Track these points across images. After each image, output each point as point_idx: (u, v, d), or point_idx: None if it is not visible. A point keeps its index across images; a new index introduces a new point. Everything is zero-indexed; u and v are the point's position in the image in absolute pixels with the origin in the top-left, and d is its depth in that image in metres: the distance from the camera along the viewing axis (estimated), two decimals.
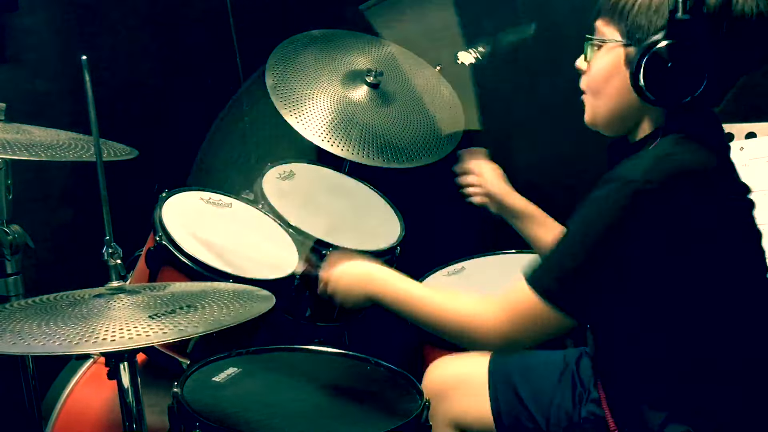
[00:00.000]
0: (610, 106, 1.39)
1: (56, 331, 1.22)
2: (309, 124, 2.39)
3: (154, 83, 2.69)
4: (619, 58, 1.34)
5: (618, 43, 1.34)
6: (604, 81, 1.37)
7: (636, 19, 1.30)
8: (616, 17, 1.33)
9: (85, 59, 1.36)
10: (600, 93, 1.39)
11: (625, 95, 1.34)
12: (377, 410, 1.52)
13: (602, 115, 1.41)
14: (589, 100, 1.42)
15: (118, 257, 1.41)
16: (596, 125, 1.43)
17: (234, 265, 1.87)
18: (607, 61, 1.36)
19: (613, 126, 1.42)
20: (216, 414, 1.44)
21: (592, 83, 1.40)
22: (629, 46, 1.32)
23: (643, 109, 1.35)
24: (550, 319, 1.28)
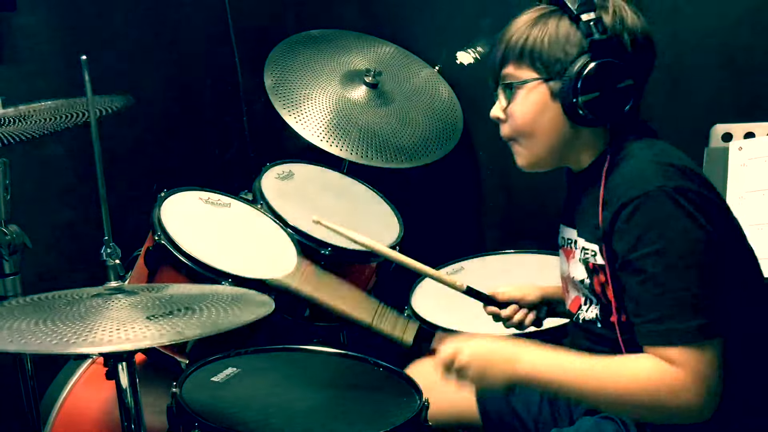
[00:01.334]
0: (547, 142, 1.41)
1: (54, 330, 1.21)
2: (308, 124, 2.39)
3: (153, 83, 2.69)
4: (543, 95, 1.38)
5: (538, 81, 1.37)
6: (534, 120, 1.40)
7: (550, 53, 1.35)
8: (526, 59, 1.38)
9: (85, 59, 1.36)
10: (533, 133, 1.41)
11: (559, 127, 1.39)
12: (376, 410, 1.52)
13: (541, 153, 1.42)
14: (522, 144, 1.44)
15: (116, 257, 1.41)
16: (537, 165, 1.45)
17: (233, 265, 1.87)
18: (532, 101, 1.39)
19: (553, 161, 1.45)
20: (215, 414, 1.44)
21: (523, 126, 1.41)
22: (550, 80, 1.36)
23: (577, 136, 1.39)
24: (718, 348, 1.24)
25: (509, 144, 1.46)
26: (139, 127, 2.61)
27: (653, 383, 1.24)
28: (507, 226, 2.75)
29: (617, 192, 1.29)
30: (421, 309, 2.01)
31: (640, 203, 1.25)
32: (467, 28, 2.69)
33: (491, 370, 1.35)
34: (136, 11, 2.60)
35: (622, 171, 1.32)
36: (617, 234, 1.28)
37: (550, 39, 1.35)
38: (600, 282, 1.37)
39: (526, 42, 1.37)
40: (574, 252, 1.44)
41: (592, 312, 1.42)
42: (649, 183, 1.26)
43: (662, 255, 1.23)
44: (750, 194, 1.91)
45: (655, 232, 1.24)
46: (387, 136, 2.46)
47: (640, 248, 1.25)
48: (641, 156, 1.32)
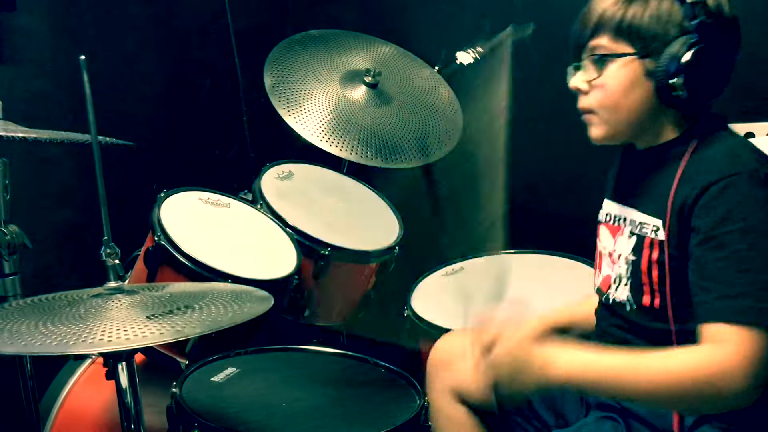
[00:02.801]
0: (631, 118, 1.40)
1: (54, 332, 1.21)
2: (308, 124, 2.38)
3: (153, 83, 2.69)
4: (636, 71, 1.37)
5: (633, 57, 1.37)
6: (624, 95, 1.39)
7: (649, 30, 1.35)
8: (624, 32, 1.36)
9: (84, 59, 1.36)
10: (619, 107, 1.40)
11: (646, 105, 1.38)
12: (376, 410, 1.52)
13: (621, 128, 1.42)
14: (602, 117, 1.42)
15: (116, 257, 1.41)
16: (613, 139, 1.44)
17: (232, 265, 1.87)
18: (624, 75, 1.38)
19: (629, 136, 1.44)
20: (215, 414, 1.44)
21: (609, 99, 1.40)
22: (646, 57, 1.36)
23: (660, 116, 1.39)
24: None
25: (585, 116, 1.45)
26: (139, 127, 2.61)
27: (705, 371, 1.22)
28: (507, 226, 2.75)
29: (706, 169, 1.30)
30: (421, 309, 2.01)
31: (734, 181, 1.26)
32: (467, 28, 2.69)
33: (523, 376, 1.32)
34: (135, 11, 2.60)
35: (711, 152, 1.33)
36: (702, 209, 1.28)
37: (652, 15, 1.34)
38: (650, 259, 1.36)
39: (625, 15, 1.35)
40: (624, 228, 1.43)
41: (623, 293, 1.41)
42: (743, 164, 1.27)
43: (749, 233, 1.24)
44: None
45: (745, 210, 1.25)
46: (387, 136, 2.46)
47: (727, 224, 1.25)
48: (732, 140, 1.35)
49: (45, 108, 2.36)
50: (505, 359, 1.33)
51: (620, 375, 1.28)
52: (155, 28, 2.67)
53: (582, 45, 1.42)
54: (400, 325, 2.04)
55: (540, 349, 1.33)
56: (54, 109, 2.37)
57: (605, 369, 1.29)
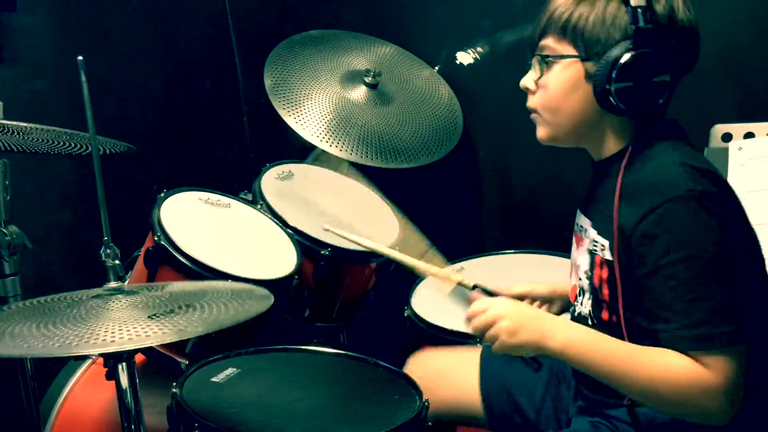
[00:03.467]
0: (571, 122, 1.40)
1: (55, 333, 1.21)
2: (308, 124, 2.39)
3: (152, 83, 2.69)
4: (577, 74, 1.36)
5: (575, 59, 1.35)
6: (563, 97, 1.38)
7: (593, 33, 1.33)
8: (569, 34, 1.35)
9: (81, 59, 1.36)
10: (559, 109, 1.40)
11: (586, 109, 1.37)
12: (376, 410, 1.52)
13: (563, 131, 1.41)
14: (545, 118, 1.42)
15: (116, 258, 1.41)
16: (556, 140, 1.44)
17: (232, 266, 1.87)
18: (565, 77, 1.37)
19: (573, 139, 1.44)
20: (215, 414, 1.43)
21: (550, 101, 1.40)
22: (587, 60, 1.34)
23: (602, 121, 1.38)
24: (743, 356, 1.24)
25: (532, 115, 1.45)
26: (139, 128, 2.61)
27: (685, 379, 1.23)
28: (507, 226, 2.75)
29: (641, 192, 1.28)
30: (421, 309, 2.01)
31: (669, 208, 1.24)
32: (467, 28, 2.69)
33: (525, 332, 1.32)
34: (135, 11, 2.60)
35: (647, 170, 1.31)
36: (644, 238, 1.26)
37: (596, 19, 1.32)
38: (600, 278, 1.36)
39: (570, 17, 1.34)
40: (584, 241, 1.43)
41: (586, 307, 1.42)
42: (677, 187, 1.24)
43: (693, 259, 1.23)
44: (750, 194, 1.91)
45: (686, 237, 1.23)
46: (387, 136, 2.46)
47: (670, 254, 1.24)
48: (667, 157, 1.31)
49: (45, 108, 2.36)
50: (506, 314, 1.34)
51: (613, 360, 1.28)
52: (155, 28, 2.67)
53: (534, 44, 1.42)
54: (400, 325, 2.04)
55: (546, 315, 1.36)
56: (54, 109, 2.37)
57: (603, 348, 1.30)
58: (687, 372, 1.24)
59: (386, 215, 2.34)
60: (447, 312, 1.98)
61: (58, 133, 1.71)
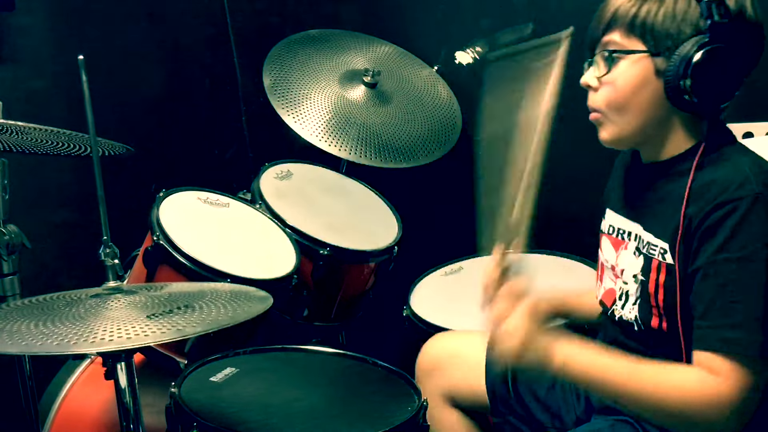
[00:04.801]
0: (640, 120, 1.35)
1: (53, 331, 1.21)
2: (307, 123, 2.38)
3: (152, 83, 2.69)
4: (647, 69, 1.32)
5: (644, 54, 1.32)
6: (633, 94, 1.34)
7: (663, 28, 1.30)
8: (637, 29, 1.32)
9: (82, 59, 1.36)
10: (627, 107, 1.35)
11: (655, 107, 1.33)
12: (375, 410, 1.52)
13: (630, 130, 1.37)
14: (611, 117, 1.37)
15: (115, 257, 1.41)
16: (621, 142, 1.40)
17: (231, 265, 1.87)
18: (634, 73, 1.33)
19: (638, 140, 1.39)
20: (213, 414, 1.43)
21: (618, 98, 1.35)
22: (657, 55, 1.31)
23: (670, 120, 1.35)
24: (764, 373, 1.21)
25: (593, 116, 1.40)
26: (138, 127, 2.61)
27: (693, 393, 1.22)
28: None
29: (711, 191, 1.25)
30: (420, 309, 2.01)
31: (737, 206, 1.22)
32: (466, 28, 2.69)
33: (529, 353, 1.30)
34: (134, 11, 2.60)
35: (719, 172, 1.28)
36: (705, 233, 1.25)
37: (666, 13, 1.29)
38: (657, 282, 1.33)
39: (639, 11, 1.30)
40: (627, 244, 1.40)
41: (631, 312, 1.39)
42: (749, 188, 1.23)
43: (747, 262, 1.21)
44: None
45: (745, 238, 1.21)
46: (386, 136, 2.46)
47: (727, 251, 1.22)
48: (740, 159, 1.29)
49: (44, 108, 2.36)
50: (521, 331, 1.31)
51: (615, 377, 1.28)
52: (154, 27, 2.67)
53: (596, 41, 1.37)
54: (399, 325, 2.04)
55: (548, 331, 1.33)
56: (53, 109, 2.37)
57: (603, 366, 1.29)
58: (696, 384, 1.22)
59: (385, 215, 2.35)
60: (446, 312, 1.99)
61: (57, 133, 1.71)
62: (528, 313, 1.33)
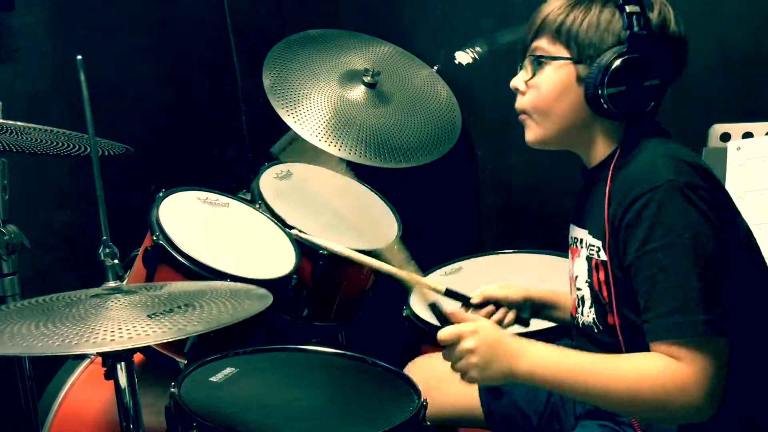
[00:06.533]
0: (561, 124, 1.40)
1: (54, 332, 1.21)
2: (306, 123, 2.39)
3: (152, 83, 2.69)
4: (569, 76, 1.37)
5: (567, 61, 1.37)
6: (555, 99, 1.39)
7: (586, 37, 1.34)
8: (562, 36, 1.37)
9: (80, 59, 1.36)
10: (549, 111, 1.40)
11: (577, 112, 1.38)
12: (375, 410, 1.52)
13: (552, 133, 1.42)
14: (535, 120, 1.43)
15: (114, 257, 1.41)
16: (545, 143, 1.44)
17: (231, 265, 1.87)
18: (557, 79, 1.38)
19: (561, 142, 1.44)
20: (213, 414, 1.43)
21: (541, 102, 1.40)
22: (579, 63, 1.36)
23: (591, 125, 1.39)
24: (723, 347, 1.22)
25: (521, 117, 1.45)
26: (137, 127, 2.61)
27: (661, 380, 1.22)
28: (505, 226, 2.76)
29: (627, 186, 1.29)
30: (420, 309, 2.01)
31: (651, 197, 1.24)
32: (466, 28, 2.69)
33: (494, 364, 1.30)
34: (134, 11, 2.60)
35: (633, 166, 1.31)
36: (628, 228, 1.27)
37: (590, 22, 1.34)
38: (599, 280, 1.36)
39: (565, 19, 1.36)
40: (580, 251, 1.43)
41: (589, 316, 1.41)
42: (659, 177, 1.25)
43: (671, 249, 1.23)
44: (748, 194, 1.91)
45: (665, 226, 1.23)
46: (385, 136, 2.46)
47: (650, 242, 1.24)
48: (653, 151, 1.31)
49: (43, 108, 2.36)
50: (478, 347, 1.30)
51: (584, 376, 1.27)
52: (154, 27, 2.67)
53: (527, 45, 1.42)
54: (399, 325, 2.05)
55: (512, 339, 1.32)
56: (53, 109, 2.37)
57: (569, 366, 1.29)
58: (662, 370, 1.23)
59: (385, 215, 2.35)
60: None
61: (56, 133, 1.71)
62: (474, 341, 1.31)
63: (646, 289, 1.25)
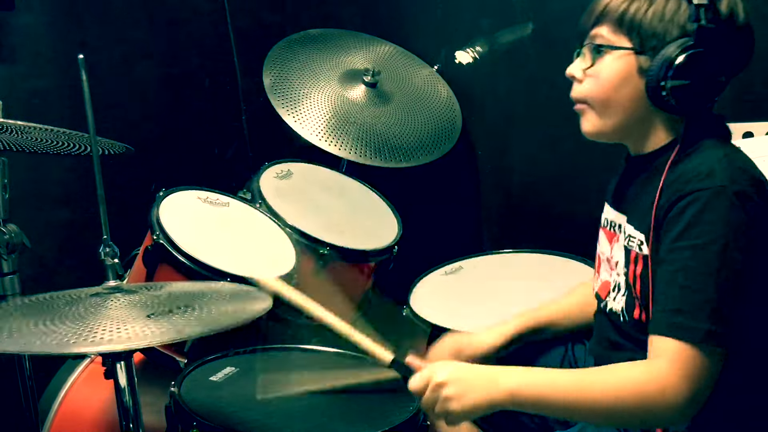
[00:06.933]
0: (620, 115, 1.36)
1: (54, 330, 1.21)
2: (307, 123, 2.39)
3: (152, 82, 2.69)
4: (630, 66, 1.33)
5: (629, 51, 1.33)
6: (615, 89, 1.35)
7: (650, 27, 1.31)
8: (625, 25, 1.33)
9: (82, 58, 1.36)
10: (608, 101, 1.36)
11: (636, 104, 1.34)
12: (374, 410, 1.51)
13: (611, 125, 1.38)
14: (593, 110, 1.39)
15: (115, 256, 1.41)
16: (602, 135, 1.41)
17: (231, 264, 1.86)
18: (617, 69, 1.34)
19: (618, 135, 1.40)
20: (213, 413, 1.43)
21: (600, 92, 1.36)
22: (642, 54, 1.32)
23: (651, 118, 1.35)
24: (717, 359, 1.21)
25: (577, 106, 1.41)
26: (138, 127, 2.61)
27: (641, 384, 1.22)
28: (505, 225, 2.76)
29: (680, 183, 1.26)
30: (420, 309, 2.01)
31: (698, 197, 1.22)
32: (466, 27, 2.69)
33: (472, 391, 1.27)
34: (134, 10, 2.60)
35: (691, 164, 1.28)
36: (669, 223, 1.26)
37: (655, 12, 1.30)
38: (635, 273, 1.34)
39: (628, 8, 1.32)
40: (619, 236, 1.41)
41: (618, 303, 1.40)
42: (713, 180, 1.23)
43: (702, 251, 1.21)
44: None
45: (704, 228, 1.22)
46: (386, 135, 2.46)
47: (683, 239, 1.23)
48: (712, 153, 1.29)
49: (44, 107, 2.36)
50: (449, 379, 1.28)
51: (565, 391, 1.26)
52: (154, 26, 2.67)
53: (585, 33, 1.38)
54: (399, 325, 2.04)
55: (485, 368, 1.31)
56: (53, 108, 2.37)
57: (549, 385, 1.27)
58: (641, 373, 1.22)
59: (385, 214, 2.34)
60: (445, 311, 1.99)
61: (56, 132, 1.71)
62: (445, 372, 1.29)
63: (666, 281, 1.24)
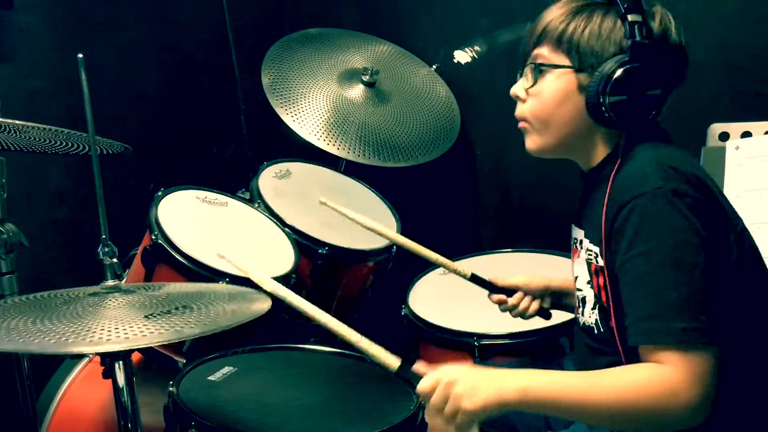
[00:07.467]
0: (562, 132, 1.40)
1: (51, 329, 1.21)
2: (305, 122, 2.39)
3: (150, 82, 2.69)
4: (570, 84, 1.37)
5: (569, 69, 1.36)
6: (556, 107, 1.38)
7: (588, 45, 1.34)
8: (564, 44, 1.36)
9: (81, 57, 1.36)
10: (550, 119, 1.40)
11: (576, 121, 1.37)
12: (373, 409, 1.52)
13: (553, 143, 1.42)
14: (535, 128, 1.42)
15: (113, 256, 1.41)
16: (545, 152, 1.44)
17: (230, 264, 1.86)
18: (558, 87, 1.38)
19: (561, 151, 1.44)
20: (212, 413, 1.44)
21: (541, 111, 1.40)
22: (581, 71, 1.35)
23: (592, 133, 1.39)
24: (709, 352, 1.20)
25: (521, 124, 1.45)
26: (137, 126, 2.61)
27: (652, 387, 1.21)
28: (504, 225, 2.76)
29: (618, 193, 1.28)
30: (418, 308, 2.01)
31: (636, 204, 1.24)
32: (465, 27, 2.69)
33: (483, 390, 1.24)
34: (133, 10, 2.60)
35: (624, 173, 1.31)
36: (617, 234, 1.27)
37: (592, 31, 1.34)
38: (599, 285, 1.36)
39: (566, 28, 1.35)
40: (580, 252, 1.43)
41: (591, 317, 1.41)
42: (647, 184, 1.24)
43: (652, 254, 1.22)
44: (747, 193, 1.91)
45: (648, 232, 1.23)
46: (384, 135, 2.46)
47: (633, 248, 1.24)
48: (643, 157, 1.31)
49: (42, 107, 2.36)
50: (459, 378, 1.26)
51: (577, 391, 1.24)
52: (153, 26, 2.67)
53: (527, 53, 1.42)
54: (398, 324, 2.04)
55: (494, 369, 1.30)
56: (52, 108, 2.37)
57: (561, 384, 1.26)
58: (649, 377, 1.21)
59: (384, 214, 2.35)
60: (444, 311, 1.99)
61: (55, 132, 1.71)
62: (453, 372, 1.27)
63: (629, 293, 1.25)
